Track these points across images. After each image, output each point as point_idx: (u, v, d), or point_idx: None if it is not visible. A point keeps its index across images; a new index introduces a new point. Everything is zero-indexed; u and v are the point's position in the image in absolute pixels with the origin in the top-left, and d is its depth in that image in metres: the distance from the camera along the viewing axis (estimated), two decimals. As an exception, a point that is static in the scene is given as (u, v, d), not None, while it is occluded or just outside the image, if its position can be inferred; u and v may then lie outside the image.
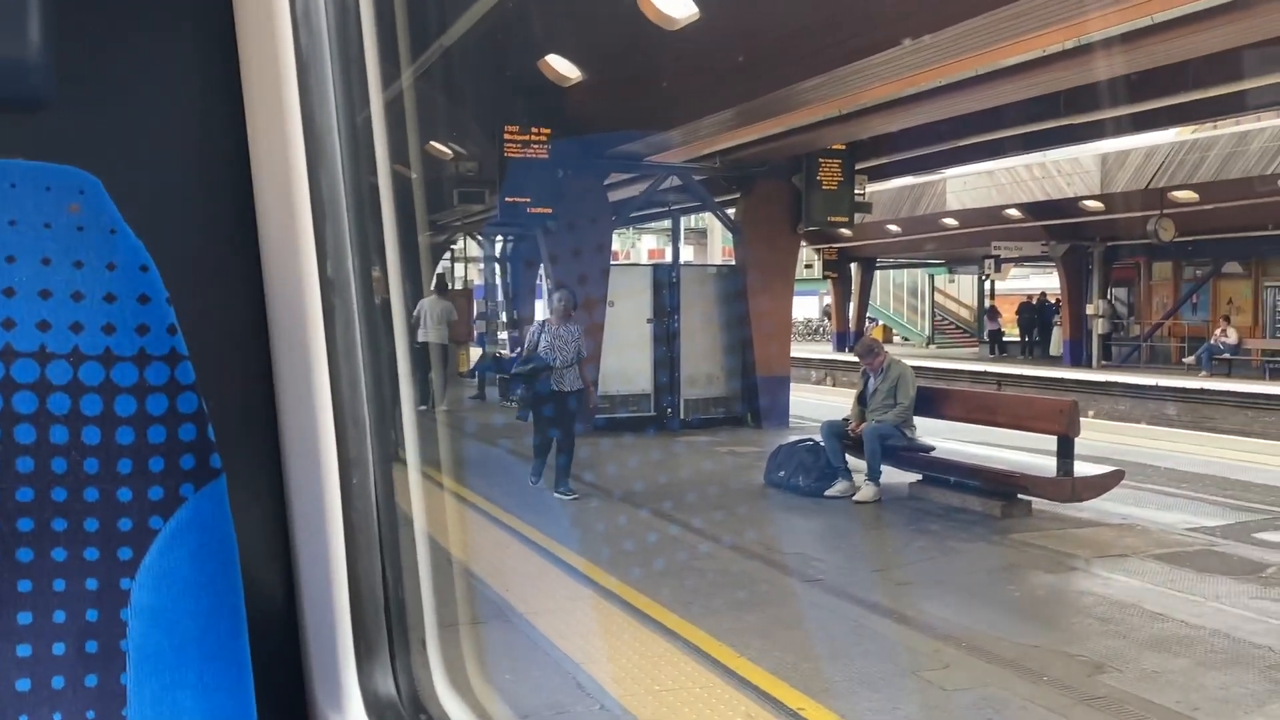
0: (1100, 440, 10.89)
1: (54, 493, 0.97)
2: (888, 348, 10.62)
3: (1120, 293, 26.70)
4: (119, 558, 0.99)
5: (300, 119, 1.13)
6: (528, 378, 8.61)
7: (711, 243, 42.40)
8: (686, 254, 38.20)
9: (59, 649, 0.98)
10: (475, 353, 19.18)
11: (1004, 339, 29.57)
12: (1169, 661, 5.02)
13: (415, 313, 14.90)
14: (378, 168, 1.24)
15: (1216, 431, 16.16)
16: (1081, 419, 8.16)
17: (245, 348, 1.22)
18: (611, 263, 13.75)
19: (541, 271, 17.75)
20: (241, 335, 1.22)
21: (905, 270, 36.26)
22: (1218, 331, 22.56)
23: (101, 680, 0.99)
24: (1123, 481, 7.99)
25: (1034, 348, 28.64)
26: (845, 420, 9.13)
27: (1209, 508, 8.55)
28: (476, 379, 17.00)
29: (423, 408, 14.22)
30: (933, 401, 9.33)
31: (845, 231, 23.97)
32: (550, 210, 12.25)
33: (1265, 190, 18.17)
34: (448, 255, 25.61)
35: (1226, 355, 21.85)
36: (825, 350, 31.07)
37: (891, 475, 8.76)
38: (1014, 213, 23.23)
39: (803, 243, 18.98)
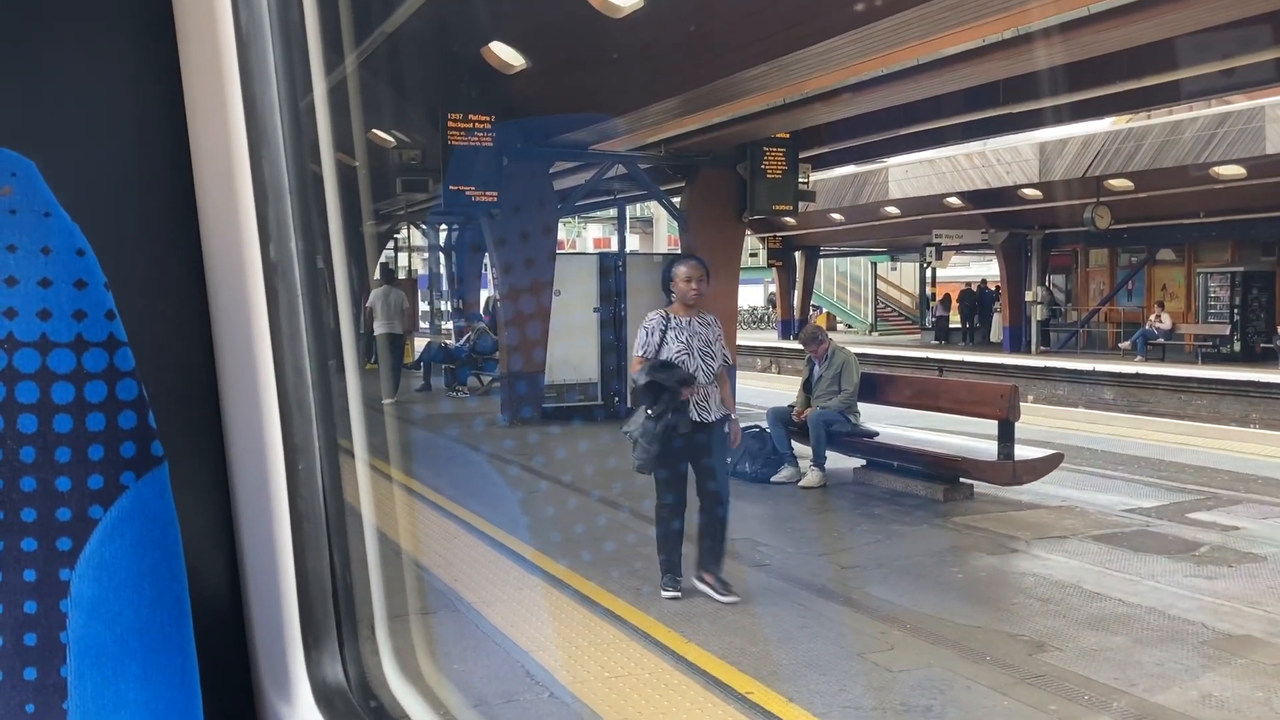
0: (1040, 424, 11.10)
1: None
2: (831, 335, 10.71)
3: (1058, 279, 27.20)
4: (58, 548, 0.97)
5: (241, 98, 1.10)
6: (658, 401, 5.49)
7: (657, 231, 42.50)
8: (632, 243, 38.25)
9: None
10: (420, 342, 19.07)
11: (948, 326, 30.03)
12: (1107, 639, 5.14)
13: (368, 304, 14.85)
14: (321, 150, 1.23)
15: (1151, 415, 16.54)
16: (1021, 404, 8.31)
17: (186, 333, 1.19)
18: (557, 251, 13.71)
19: (486, 259, 17.67)
20: (182, 320, 1.19)
21: (848, 258, 36.59)
22: (1152, 317, 23.07)
23: (41, 673, 0.97)
24: (1062, 464, 8.15)
25: (975, 334, 29.09)
26: (791, 407, 9.20)
27: (1145, 489, 8.74)
28: (422, 369, 16.91)
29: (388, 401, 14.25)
30: (876, 387, 9.44)
31: (789, 220, 24.12)
32: (494, 198, 12.18)
33: (1198, 178, 18.59)
34: (391, 244, 25.41)
35: (1161, 340, 22.35)
36: (770, 338, 31.28)
37: (836, 461, 8.85)
38: (955, 201, 23.53)
39: (747, 231, 19.06)
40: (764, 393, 14.46)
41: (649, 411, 5.51)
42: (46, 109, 1.14)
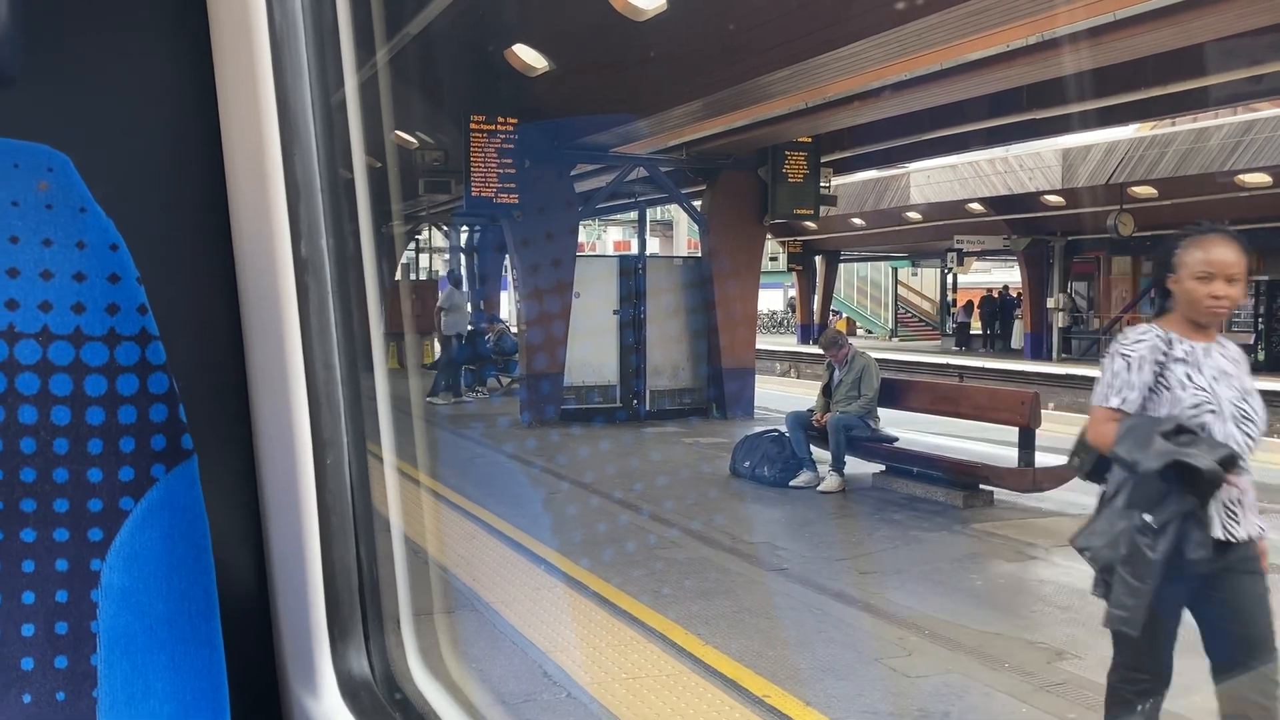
0: (1060, 431, 11.01)
1: (22, 473, 0.96)
2: (851, 340, 10.69)
3: (1080, 286, 27.02)
4: (89, 539, 0.98)
5: (274, 96, 1.11)
6: (1164, 501, 3.00)
7: (677, 234, 42.50)
8: (652, 246, 38.28)
9: (28, 630, 0.97)
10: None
11: (969, 332, 29.90)
12: (1127, 648, 5.09)
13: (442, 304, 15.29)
14: (352, 148, 1.23)
15: (1174, 423, 16.37)
16: (1042, 411, 8.26)
17: (217, 327, 1.21)
18: (577, 254, 13.77)
19: (507, 261, 17.73)
20: (214, 315, 1.21)
21: (869, 263, 36.49)
22: (1175, 325, 22.85)
23: (71, 662, 0.98)
24: (1083, 472, 8.09)
25: (996, 340, 28.95)
26: (810, 411, 9.18)
27: (1166, 498, 8.66)
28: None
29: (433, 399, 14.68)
30: (896, 393, 9.40)
31: (810, 224, 24.08)
32: (516, 200, 12.23)
33: (1223, 185, 18.44)
34: (412, 245, 25.54)
35: (1183, 349, 22.13)
36: (790, 343, 31.22)
37: (855, 466, 8.83)
38: (976, 207, 23.42)
39: (768, 235, 19.06)
40: (784, 397, 14.44)
41: (1146, 517, 3.04)
42: (82, 106, 1.15)
